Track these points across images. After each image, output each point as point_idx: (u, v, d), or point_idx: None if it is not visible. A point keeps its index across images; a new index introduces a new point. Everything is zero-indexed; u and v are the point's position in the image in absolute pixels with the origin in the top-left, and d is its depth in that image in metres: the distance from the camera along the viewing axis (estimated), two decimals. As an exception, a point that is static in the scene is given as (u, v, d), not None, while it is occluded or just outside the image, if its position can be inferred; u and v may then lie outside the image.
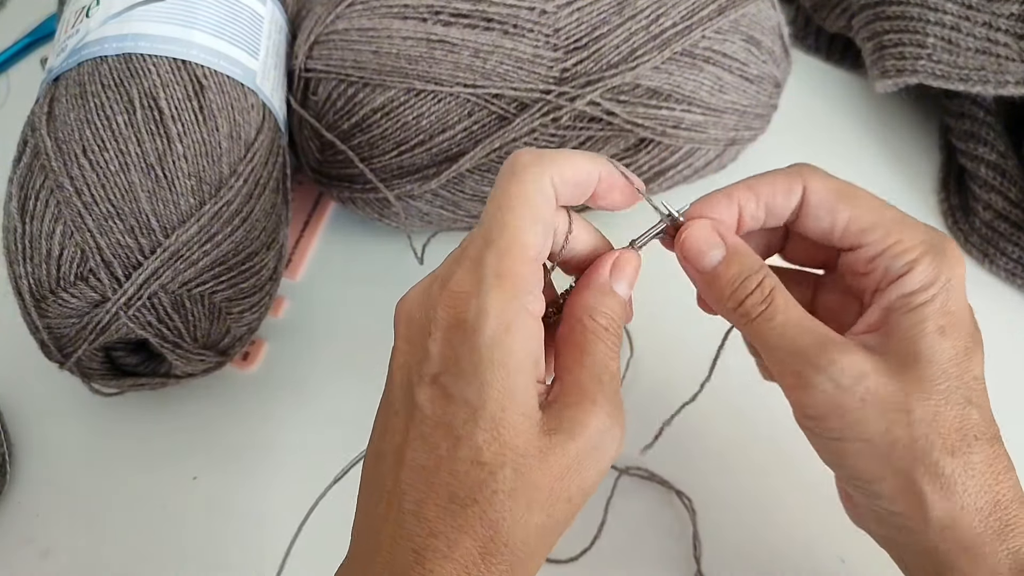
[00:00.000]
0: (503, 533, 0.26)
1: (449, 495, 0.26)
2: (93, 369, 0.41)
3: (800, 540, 0.42)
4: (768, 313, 0.30)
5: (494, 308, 0.26)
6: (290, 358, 0.48)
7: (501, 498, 0.26)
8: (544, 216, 0.28)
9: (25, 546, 0.43)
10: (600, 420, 0.27)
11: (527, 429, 0.26)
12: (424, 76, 0.44)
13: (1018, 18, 0.46)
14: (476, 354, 0.26)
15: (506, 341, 0.26)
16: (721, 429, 0.45)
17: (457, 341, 0.27)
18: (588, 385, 0.28)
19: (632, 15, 0.45)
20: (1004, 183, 0.50)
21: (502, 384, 0.26)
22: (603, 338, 0.29)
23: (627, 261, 0.31)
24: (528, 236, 0.28)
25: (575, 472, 0.27)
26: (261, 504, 0.44)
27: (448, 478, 0.26)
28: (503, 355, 0.26)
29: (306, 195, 0.53)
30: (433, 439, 0.27)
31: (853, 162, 0.55)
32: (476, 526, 0.26)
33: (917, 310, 0.29)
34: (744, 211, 0.31)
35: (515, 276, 0.27)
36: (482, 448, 0.26)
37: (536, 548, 0.27)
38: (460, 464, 0.26)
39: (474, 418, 0.26)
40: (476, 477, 0.26)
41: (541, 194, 0.28)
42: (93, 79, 0.39)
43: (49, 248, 0.37)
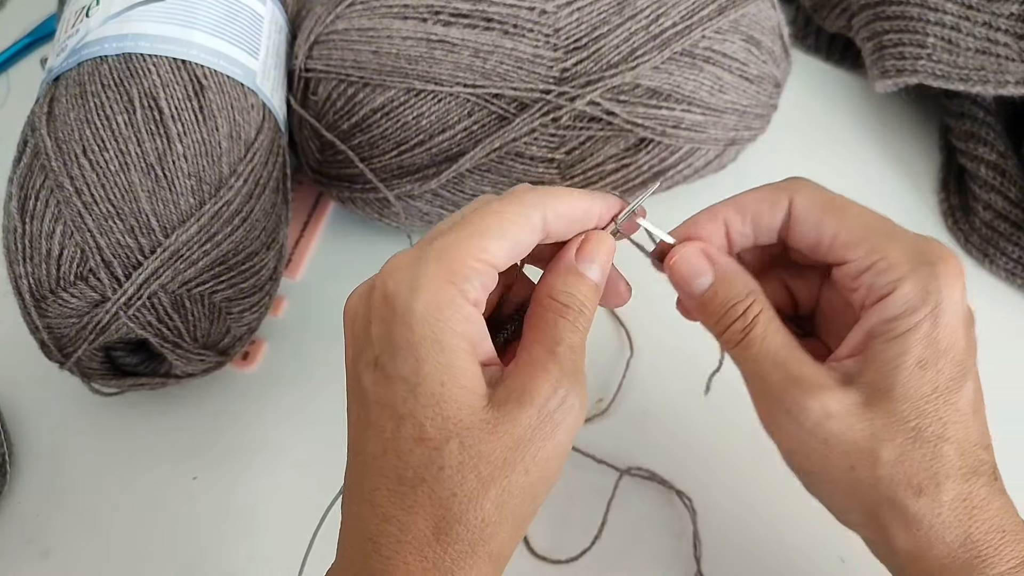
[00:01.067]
0: (455, 510, 0.25)
1: (397, 477, 0.26)
2: (93, 369, 0.41)
3: (800, 540, 0.42)
4: (744, 343, 0.30)
5: (426, 286, 0.26)
6: (290, 358, 0.48)
7: (448, 473, 0.25)
8: (516, 236, 0.28)
9: (25, 546, 0.43)
10: (550, 385, 0.27)
11: (471, 402, 0.26)
12: (424, 76, 0.44)
13: (1018, 18, 0.46)
14: (408, 329, 0.26)
15: (438, 318, 0.26)
16: (721, 430, 0.45)
17: (389, 318, 0.26)
18: (540, 357, 0.27)
19: (632, 15, 0.45)
20: (1004, 183, 0.50)
21: (437, 359, 0.26)
22: (563, 314, 0.28)
23: (593, 241, 0.30)
24: (489, 242, 0.27)
25: (528, 442, 0.26)
26: (261, 504, 0.44)
27: (395, 460, 0.26)
28: (436, 331, 0.26)
29: (306, 195, 0.53)
30: (380, 422, 0.26)
31: (853, 162, 0.55)
32: (426, 505, 0.25)
33: (898, 340, 0.28)
34: (731, 230, 0.31)
35: (456, 262, 0.26)
36: (424, 424, 0.25)
37: (497, 524, 0.26)
38: (404, 443, 0.26)
39: (413, 394, 0.26)
40: (421, 455, 0.25)
41: (523, 218, 0.28)
42: (93, 79, 0.39)
43: (49, 248, 0.37)
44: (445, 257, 0.26)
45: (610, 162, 0.47)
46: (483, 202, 0.29)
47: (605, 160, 0.47)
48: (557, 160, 0.46)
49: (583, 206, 0.29)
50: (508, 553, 0.27)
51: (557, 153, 0.46)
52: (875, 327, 0.28)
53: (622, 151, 0.47)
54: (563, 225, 0.29)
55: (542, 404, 0.26)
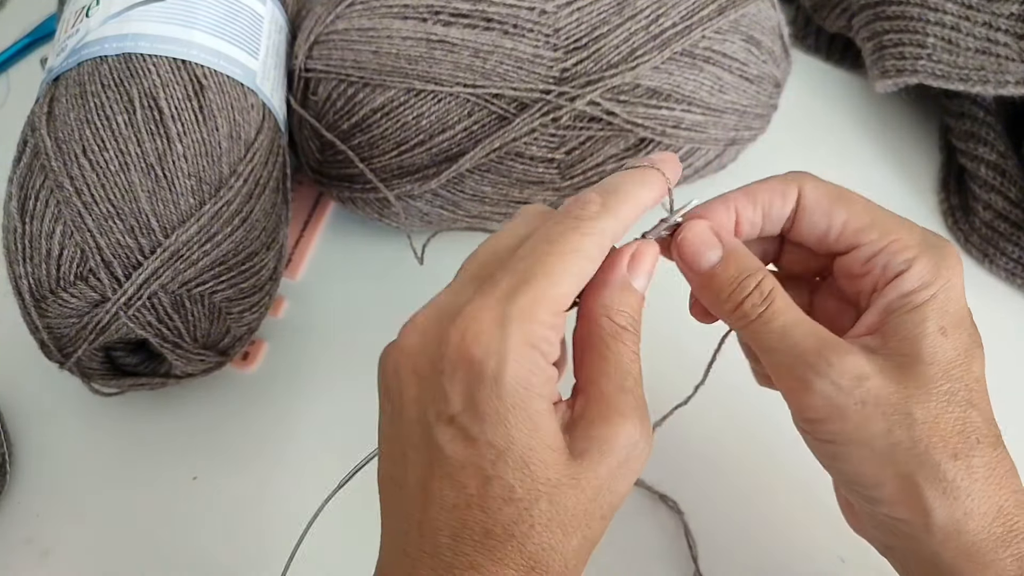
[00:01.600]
0: (543, 562, 0.26)
1: (484, 531, 0.26)
2: (93, 369, 0.41)
3: (800, 540, 0.42)
4: (767, 315, 0.29)
5: (513, 354, 0.26)
6: (290, 358, 0.48)
7: (539, 530, 0.26)
8: (587, 274, 0.28)
9: (25, 546, 0.43)
10: (628, 434, 0.27)
11: (556, 460, 0.26)
12: (424, 76, 0.44)
13: (1018, 18, 0.46)
14: (497, 400, 0.26)
15: (527, 387, 0.26)
16: (720, 430, 0.45)
17: (475, 385, 0.26)
18: (613, 396, 0.27)
19: (632, 15, 0.45)
20: (1004, 183, 0.50)
21: (525, 426, 0.26)
22: (624, 340, 0.28)
23: (646, 253, 0.30)
24: (567, 290, 0.27)
25: (607, 490, 0.27)
26: (261, 504, 0.44)
27: (481, 515, 0.26)
28: (524, 400, 0.26)
29: (306, 195, 0.53)
30: (459, 479, 0.26)
31: (853, 162, 0.55)
32: (516, 558, 0.26)
33: (917, 310, 0.28)
34: (742, 217, 0.31)
35: (539, 323, 0.26)
36: (514, 486, 0.26)
37: (575, 567, 0.27)
38: (492, 502, 0.26)
39: (502, 459, 0.26)
40: (510, 513, 0.26)
41: (596, 255, 0.28)
42: (93, 79, 0.39)
43: (49, 248, 0.37)
44: (527, 318, 0.26)
45: (610, 162, 0.47)
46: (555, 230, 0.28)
47: (605, 160, 0.47)
48: (557, 160, 0.46)
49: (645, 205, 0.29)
50: None
51: (557, 153, 0.46)
52: (892, 302, 0.29)
53: (622, 151, 0.47)
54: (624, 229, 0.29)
55: (620, 451, 0.27)
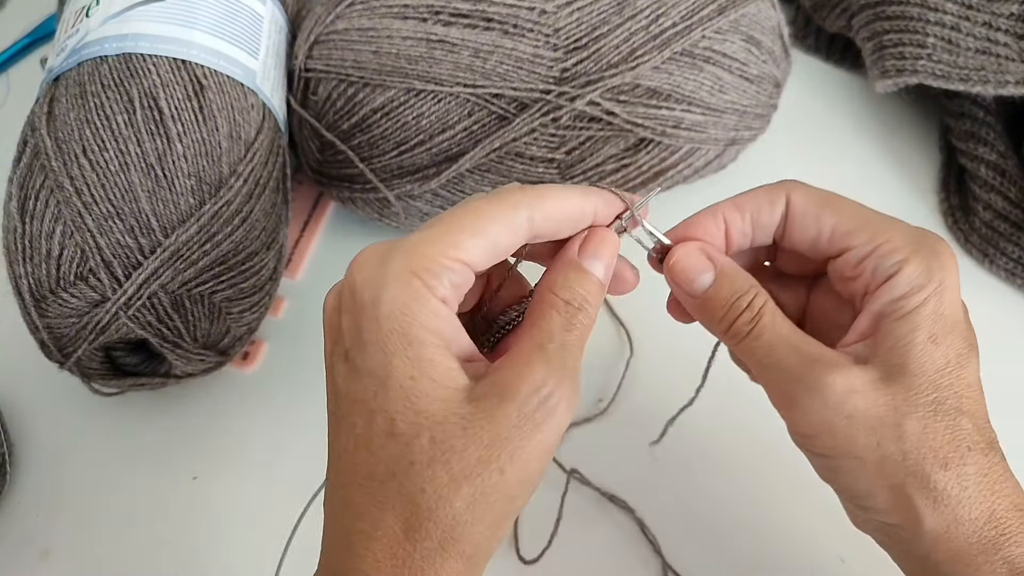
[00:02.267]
0: (424, 506, 0.25)
1: (368, 473, 0.25)
2: (93, 369, 0.41)
3: (800, 540, 0.42)
4: (755, 332, 0.29)
5: (392, 280, 0.25)
6: (290, 358, 0.48)
7: (418, 468, 0.25)
8: (494, 235, 0.27)
9: (25, 546, 0.43)
10: (532, 382, 0.25)
11: (443, 396, 0.25)
12: (424, 76, 0.44)
13: (1018, 18, 0.46)
14: (374, 323, 0.25)
15: (405, 312, 0.25)
16: (720, 429, 0.45)
17: (357, 312, 0.26)
18: (526, 351, 0.26)
19: (632, 15, 0.45)
20: (1004, 183, 0.50)
21: (405, 353, 0.25)
22: (560, 310, 0.28)
23: (596, 237, 0.29)
24: (463, 239, 0.27)
25: (506, 440, 0.25)
26: (261, 504, 0.44)
27: (366, 455, 0.25)
28: (403, 325, 0.25)
29: (306, 195, 0.53)
30: (351, 417, 0.26)
31: (853, 162, 0.55)
32: (396, 501, 0.25)
33: (908, 317, 0.28)
34: (731, 228, 0.31)
35: (427, 258, 0.26)
36: (395, 419, 0.25)
37: (469, 524, 0.25)
38: (376, 439, 0.25)
39: (383, 388, 0.25)
40: (392, 450, 0.25)
41: (503, 217, 0.27)
42: (93, 79, 0.39)
43: (49, 248, 0.37)
44: (414, 252, 0.26)
45: (610, 162, 0.47)
46: (466, 200, 0.28)
47: (605, 160, 0.47)
48: (557, 160, 0.46)
49: (575, 204, 0.29)
50: (484, 553, 0.26)
51: (557, 153, 0.46)
52: (883, 308, 0.29)
53: (622, 151, 0.47)
54: (553, 225, 0.29)
55: (523, 401, 0.25)
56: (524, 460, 0.25)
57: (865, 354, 0.29)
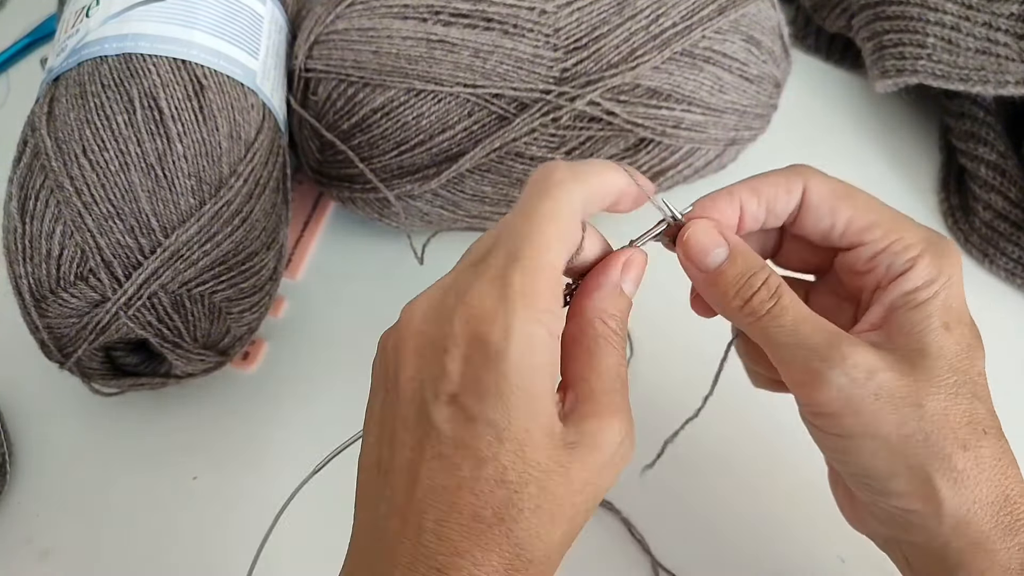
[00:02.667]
0: (528, 550, 0.26)
1: (472, 515, 0.26)
2: (93, 369, 0.41)
3: (800, 540, 0.42)
4: (776, 310, 0.29)
5: (519, 331, 0.26)
6: (290, 358, 0.48)
7: (527, 515, 0.26)
8: (572, 236, 0.29)
9: (25, 546, 0.43)
10: (616, 432, 0.27)
11: (549, 446, 0.26)
12: (424, 76, 0.44)
13: (1018, 18, 0.46)
14: (501, 378, 0.26)
15: (531, 365, 0.26)
16: (717, 429, 0.45)
17: (479, 362, 0.26)
18: (603, 396, 0.28)
19: (632, 15, 0.45)
20: (1004, 183, 0.50)
21: (526, 407, 0.26)
22: (614, 343, 0.29)
23: (636, 261, 0.30)
24: (556, 256, 0.28)
25: (594, 484, 0.27)
26: (261, 504, 0.44)
27: (471, 498, 0.26)
28: (528, 379, 0.26)
29: (306, 195, 0.53)
30: (453, 460, 0.26)
31: (853, 162, 0.55)
32: (503, 544, 0.26)
33: (921, 307, 0.29)
34: (746, 210, 0.31)
35: (540, 296, 0.27)
36: (507, 468, 0.26)
37: (558, 559, 0.27)
38: (484, 484, 0.26)
39: (499, 439, 0.26)
40: (501, 496, 0.26)
41: (572, 215, 0.28)
42: (93, 79, 0.39)
43: (49, 248, 0.37)
44: (529, 293, 0.26)
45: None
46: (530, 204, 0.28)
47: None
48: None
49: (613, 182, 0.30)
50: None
51: (557, 153, 0.46)
52: (896, 300, 0.29)
53: (622, 151, 0.47)
54: (595, 207, 0.30)
55: (608, 448, 0.27)
56: (601, 497, 0.28)
57: (879, 341, 0.29)
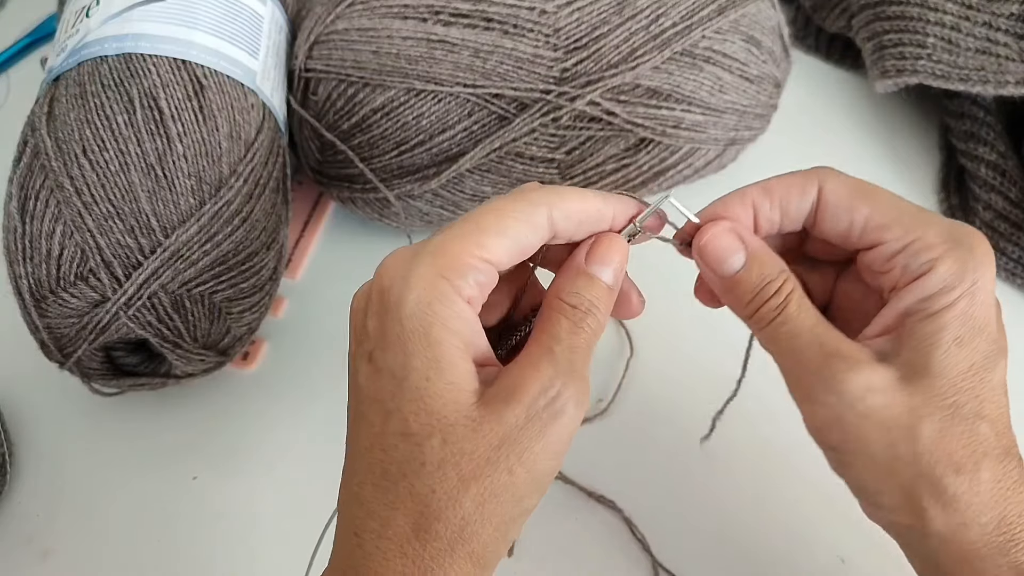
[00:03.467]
0: (434, 507, 0.25)
1: (382, 472, 0.26)
2: (93, 369, 0.41)
3: (800, 540, 0.42)
4: (779, 320, 0.29)
5: (418, 280, 0.26)
6: (290, 358, 0.48)
7: (429, 470, 0.25)
8: (518, 234, 0.27)
9: (25, 546, 0.43)
10: (540, 384, 0.26)
11: (457, 398, 0.26)
12: (424, 76, 0.44)
13: (1018, 18, 0.46)
14: (398, 324, 0.26)
15: (428, 312, 0.26)
16: (718, 429, 0.45)
17: (383, 312, 0.26)
18: (534, 355, 0.27)
19: (632, 15, 0.45)
20: (1004, 183, 0.50)
21: (424, 354, 0.26)
22: (568, 315, 0.28)
23: (603, 243, 0.29)
24: (487, 239, 0.27)
25: (514, 441, 0.25)
26: (261, 504, 0.44)
27: (380, 455, 0.26)
28: (425, 325, 0.26)
29: (306, 195, 0.53)
30: (369, 416, 0.26)
31: (853, 162, 0.55)
32: (407, 501, 0.25)
33: (934, 317, 0.28)
34: (759, 213, 0.31)
35: (452, 258, 0.26)
36: (408, 419, 0.25)
37: (477, 524, 0.25)
38: (390, 438, 0.26)
39: (400, 388, 0.26)
40: (404, 451, 0.25)
41: (524, 215, 0.28)
42: (93, 79, 0.39)
43: (49, 248, 0.37)
44: (440, 252, 0.26)
45: (610, 162, 0.47)
46: (488, 200, 0.29)
47: (605, 160, 0.47)
48: (557, 160, 0.46)
49: (594, 206, 0.29)
50: (493, 554, 0.26)
51: (557, 153, 0.46)
52: (910, 306, 0.28)
53: (622, 151, 0.47)
54: (572, 225, 0.29)
55: (530, 403, 0.26)
56: (532, 460, 0.26)
57: (887, 350, 0.28)
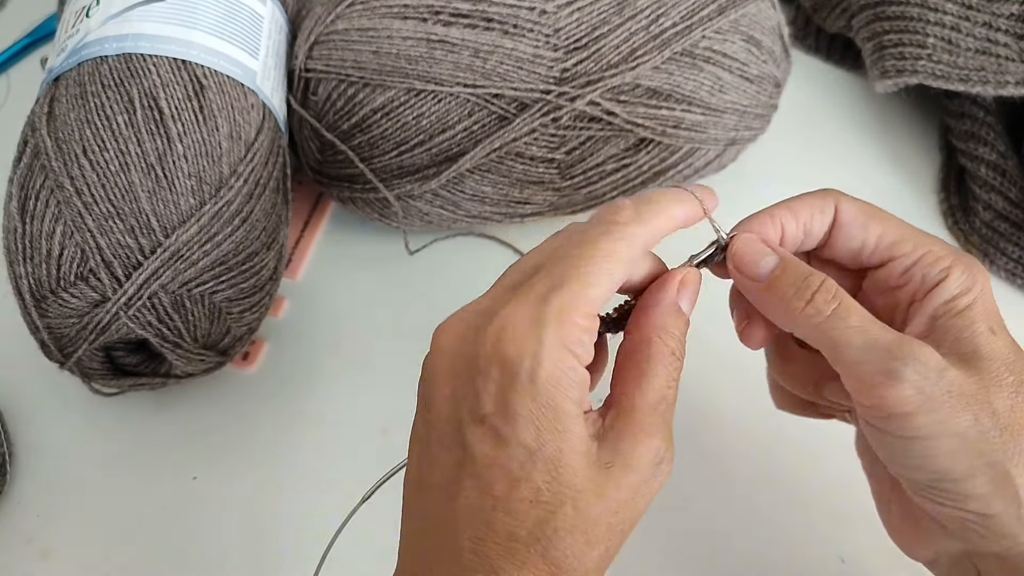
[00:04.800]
0: (565, 570, 0.26)
1: (508, 534, 0.26)
2: (93, 369, 0.41)
3: (800, 540, 0.42)
4: (841, 311, 0.29)
5: (549, 355, 0.26)
6: (290, 358, 0.48)
7: (562, 535, 0.26)
8: (619, 278, 0.28)
9: (25, 546, 0.43)
10: (653, 453, 0.27)
11: (583, 466, 0.27)
12: (424, 76, 0.44)
13: (1018, 18, 0.46)
14: (530, 400, 0.26)
15: (559, 388, 0.26)
16: (718, 429, 0.45)
17: (508, 385, 0.27)
18: (644, 414, 0.28)
19: (632, 15, 0.45)
20: (1004, 183, 0.50)
21: (556, 427, 0.26)
22: (668, 363, 0.29)
23: (692, 279, 0.31)
24: (599, 292, 0.28)
25: (629, 504, 0.27)
26: (261, 504, 0.44)
27: (506, 517, 0.26)
28: (557, 402, 0.26)
29: (306, 195, 0.53)
30: (487, 479, 0.27)
31: (853, 162, 0.55)
32: (538, 563, 0.26)
33: (963, 314, 0.29)
34: (786, 231, 0.31)
35: (575, 326, 0.27)
36: (541, 488, 0.26)
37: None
38: (518, 504, 0.26)
39: (532, 460, 0.26)
40: (536, 516, 0.26)
41: (627, 260, 0.28)
42: (93, 79, 0.39)
43: (49, 248, 0.37)
44: (562, 320, 0.27)
45: (610, 162, 0.47)
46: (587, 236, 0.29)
47: (605, 160, 0.47)
48: (557, 160, 0.46)
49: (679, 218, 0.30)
50: None
51: (557, 153, 0.46)
52: (937, 309, 0.29)
53: (622, 151, 0.47)
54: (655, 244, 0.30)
55: (645, 468, 0.27)
56: (637, 518, 0.28)
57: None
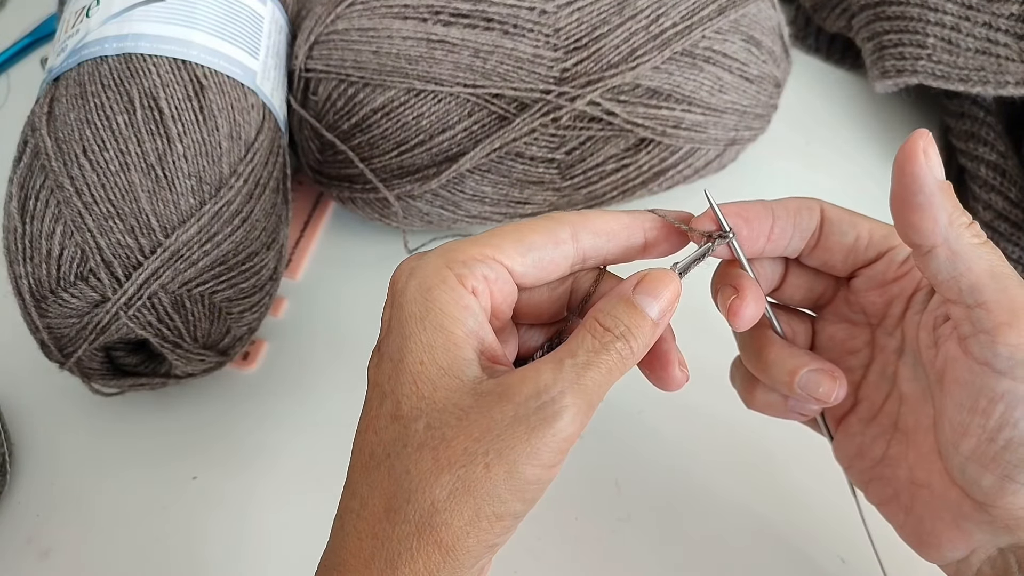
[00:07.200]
0: (406, 487, 0.25)
1: (370, 452, 0.26)
2: (93, 369, 0.41)
3: (800, 540, 0.42)
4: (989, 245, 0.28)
5: (422, 269, 0.27)
6: (290, 358, 0.48)
7: (409, 451, 0.25)
8: (536, 244, 0.28)
9: (25, 546, 0.43)
10: (536, 385, 0.25)
11: (448, 384, 0.25)
12: (424, 76, 0.44)
13: (1018, 18, 0.46)
14: (399, 309, 0.27)
15: (427, 298, 0.26)
16: (718, 429, 0.45)
17: (390, 302, 0.27)
18: (543, 361, 0.26)
19: (632, 15, 0.45)
20: (1004, 183, 0.50)
21: (420, 337, 0.26)
22: (596, 334, 0.26)
23: (654, 275, 0.28)
24: (504, 243, 0.27)
25: (496, 437, 0.24)
26: (261, 504, 0.44)
27: (372, 436, 0.26)
28: (422, 310, 0.26)
29: (306, 195, 0.53)
30: (370, 400, 0.27)
31: (853, 162, 0.55)
32: (384, 481, 0.25)
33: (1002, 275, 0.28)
34: (776, 222, 0.31)
35: (460, 252, 0.27)
36: (401, 402, 0.26)
37: (448, 512, 0.25)
38: (382, 420, 0.26)
39: (396, 372, 0.26)
40: (392, 432, 0.26)
41: (543, 228, 0.28)
42: (93, 79, 0.39)
43: (49, 248, 0.37)
44: (449, 248, 0.27)
45: (610, 162, 0.47)
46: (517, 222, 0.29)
47: (605, 160, 0.47)
48: (557, 160, 0.46)
49: (622, 222, 0.29)
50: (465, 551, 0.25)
51: (557, 153, 0.46)
52: None
53: (622, 151, 0.47)
54: (600, 241, 0.28)
55: (521, 402, 0.25)
56: (513, 461, 0.25)
57: None
